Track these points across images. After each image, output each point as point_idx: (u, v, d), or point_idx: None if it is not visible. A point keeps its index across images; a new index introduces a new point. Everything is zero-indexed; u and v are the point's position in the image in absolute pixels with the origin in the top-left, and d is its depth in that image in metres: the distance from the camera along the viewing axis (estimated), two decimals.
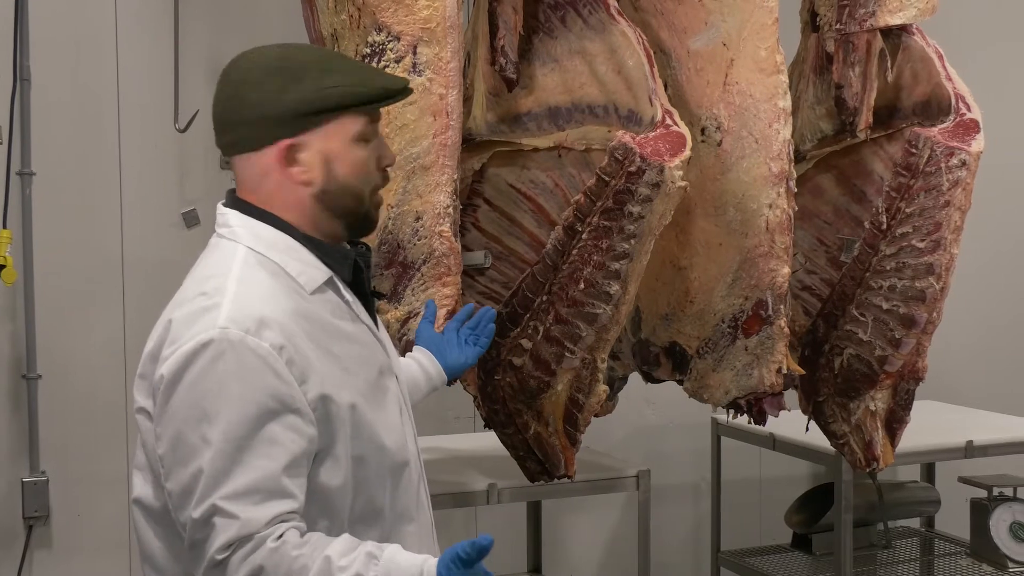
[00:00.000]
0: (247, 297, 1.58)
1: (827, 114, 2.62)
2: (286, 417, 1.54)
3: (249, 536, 1.50)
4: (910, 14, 2.48)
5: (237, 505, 1.50)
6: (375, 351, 1.72)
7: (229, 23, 3.22)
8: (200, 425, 1.53)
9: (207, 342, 1.54)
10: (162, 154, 3.20)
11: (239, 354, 1.53)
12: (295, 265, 1.64)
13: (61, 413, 3.13)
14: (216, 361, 1.53)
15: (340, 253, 1.70)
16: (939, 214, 2.44)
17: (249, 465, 1.51)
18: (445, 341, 2.16)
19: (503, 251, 2.44)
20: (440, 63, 2.18)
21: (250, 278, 1.61)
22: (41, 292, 3.10)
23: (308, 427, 1.57)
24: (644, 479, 2.86)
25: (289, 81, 1.63)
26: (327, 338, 1.63)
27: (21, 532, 3.11)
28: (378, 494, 1.66)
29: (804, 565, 3.45)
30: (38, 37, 3.07)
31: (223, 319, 1.55)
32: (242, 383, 1.53)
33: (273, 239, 1.65)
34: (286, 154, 1.64)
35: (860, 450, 2.69)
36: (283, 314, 1.58)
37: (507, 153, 2.45)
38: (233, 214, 1.68)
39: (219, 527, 1.50)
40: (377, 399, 1.68)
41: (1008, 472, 3.51)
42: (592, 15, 2.35)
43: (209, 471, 1.52)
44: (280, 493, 1.53)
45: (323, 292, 1.66)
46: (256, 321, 1.56)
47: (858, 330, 2.58)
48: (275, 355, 1.55)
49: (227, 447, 1.51)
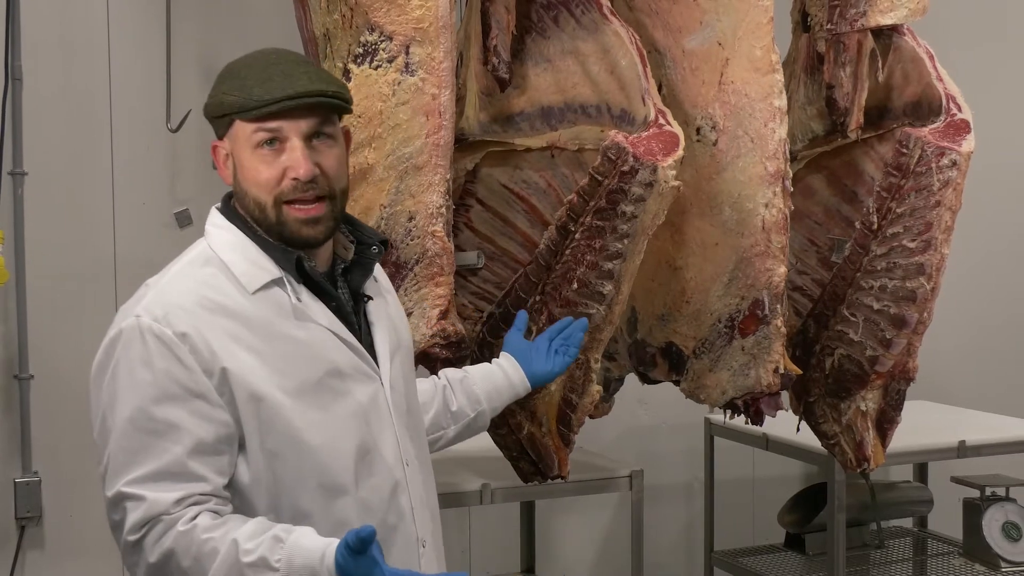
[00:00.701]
0: (170, 289, 1.66)
1: (818, 114, 2.63)
2: (191, 402, 1.59)
3: (157, 517, 1.55)
4: (901, 14, 2.49)
5: (142, 487, 1.56)
6: (328, 352, 1.70)
7: (221, 23, 3.22)
8: (113, 410, 1.60)
9: (121, 331, 1.63)
10: (154, 154, 3.20)
11: (144, 340, 1.60)
12: (241, 265, 1.69)
13: (53, 413, 3.12)
14: (127, 348, 1.61)
15: (284, 255, 1.71)
16: (930, 214, 2.44)
17: (154, 448, 1.57)
18: (535, 350, 2.20)
19: (496, 251, 2.44)
20: (433, 63, 2.18)
21: (186, 272, 1.69)
22: (33, 292, 3.09)
23: (217, 412, 1.61)
24: (637, 479, 2.86)
25: (215, 86, 1.73)
26: (252, 335, 1.65)
27: (13, 533, 3.10)
28: (304, 497, 1.65)
29: (797, 565, 3.46)
30: (30, 37, 3.07)
31: (140, 308, 1.63)
32: (147, 368, 1.59)
33: (229, 239, 1.71)
34: (215, 153, 1.74)
35: (851, 450, 2.69)
36: (198, 305, 1.63)
37: (500, 153, 2.45)
38: (214, 213, 1.76)
39: (128, 509, 1.57)
40: (316, 399, 1.67)
41: (1000, 472, 3.52)
42: (585, 15, 2.35)
43: (116, 454, 1.58)
44: (187, 476, 1.57)
45: (267, 291, 1.69)
46: (165, 308, 1.62)
47: (849, 330, 2.58)
48: (177, 342, 1.60)
49: (131, 431, 1.58)
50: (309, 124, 1.68)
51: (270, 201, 1.68)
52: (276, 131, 1.67)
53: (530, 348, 2.20)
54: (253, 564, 1.53)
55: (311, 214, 1.68)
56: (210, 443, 1.59)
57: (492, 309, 2.40)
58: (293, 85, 1.66)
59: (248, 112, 1.66)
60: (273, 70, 1.69)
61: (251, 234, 1.71)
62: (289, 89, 1.66)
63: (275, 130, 1.66)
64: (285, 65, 1.70)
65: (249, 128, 1.67)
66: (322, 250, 1.76)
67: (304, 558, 1.53)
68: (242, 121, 1.67)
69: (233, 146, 1.70)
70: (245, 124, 1.67)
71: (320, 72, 1.74)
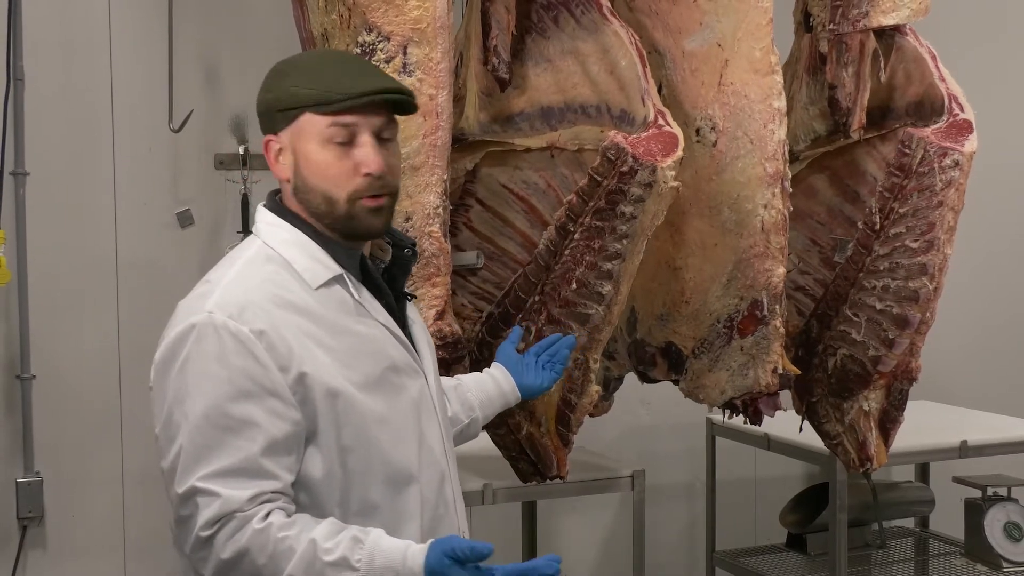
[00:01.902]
0: (239, 285, 1.65)
1: (820, 114, 2.62)
2: (265, 400, 1.59)
3: (231, 514, 1.55)
4: (903, 15, 2.48)
5: (217, 483, 1.55)
6: (387, 348, 1.73)
7: (222, 23, 3.23)
8: (183, 404, 1.59)
9: (192, 325, 1.61)
10: (156, 154, 3.20)
11: (220, 337, 1.59)
12: (303, 261, 1.69)
13: (55, 413, 3.13)
14: (200, 343, 1.60)
15: (345, 252, 1.73)
16: (932, 214, 2.44)
17: (228, 445, 1.57)
18: (525, 364, 2.23)
19: (495, 251, 2.44)
20: (430, 63, 2.18)
21: (251, 269, 1.68)
22: (35, 292, 3.09)
23: (290, 411, 1.61)
24: (639, 479, 2.86)
25: (276, 80, 1.72)
26: (323, 332, 1.66)
27: (15, 532, 3.10)
28: (372, 490, 1.67)
29: (799, 565, 3.45)
30: (31, 37, 3.07)
31: (211, 304, 1.62)
32: (222, 364, 1.59)
33: (287, 237, 1.71)
34: (268, 149, 1.73)
35: (854, 450, 2.69)
36: (270, 301, 1.63)
37: (500, 153, 2.45)
38: (262, 211, 1.76)
39: (201, 505, 1.56)
40: (381, 394, 1.69)
41: (1002, 472, 3.51)
42: (585, 15, 2.35)
43: (189, 449, 1.57)
44: (260, 473, 1.57)
45: (329, 287, 1.70)
46: (239, 306, 1.61)
47: (851, 330, 2.58)
48: (254, 339, 1.60)
49: (206, 426, 1.57)
50: (380, 121, 1.70)
51: (343, 196, 1.68)
52: (352, 125, 1.67)
53: (521, 361, 2.23)
54: (334, 563, 1.54)
55: (379, 203, 1.71)
56: (282, 441, 1.59)
57: (491, 309, 2.40)
58: (372, 82, 1.69)
59: (329, 105, 1.66)
60: (348, 66, 1.72)
61: (308, 231, 1.71)
62: (369, 85, 1.68)
63: (351, 124, 1.67)
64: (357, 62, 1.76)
65: (323, 122, 1.67)
66: (364, 249, 1.79)
67: (385, 558, 1.55)
68: (314, 115, 1.67)
69: (296, 140, 1.69)
70: (317, 118, 1.67)
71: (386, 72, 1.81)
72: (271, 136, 1.72)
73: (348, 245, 1.73)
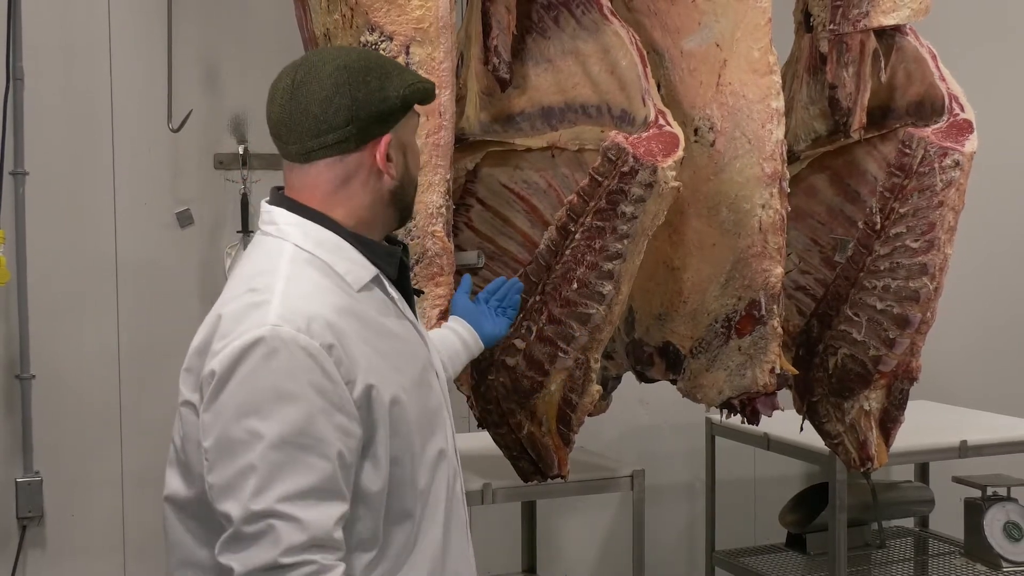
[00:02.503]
0: (296, 294, 1.58)
1: (821, 114, 2.62)
2: (335, 416, 1.54)
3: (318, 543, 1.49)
4: (903, 15, 2.49)
5: (297, 507, 1.49)
6: (419, 347, 1.73)
7: (222, 23, 3.23)
8: (251, 421, 1.51)
9: (259, 339, 1.53)
10: (156, 154, 3.20)
11: (291, 352, 1.53)
12: (343, 264, 1.65)
13: (55, 413, 3.13)
14: (268, 358, 1.53)
15: (386, 252, 1.71)
16: (933, 214, 2.44)
17: (306, 465, 1.51)
18: (479, 312, 2.22)
19: (496, 251, 2.44)
20: (433, 63, 2.18)
21: (299, 275, 1.61)
22: (34, 292, 3.09)
23: (354, 425, 1.57)
24: (639, 479, 2.86)
25: (383, 79, 1.66)
26: (374, 336, 1.63)
27: (15, 532, 3.10)
28: (409, 496, 1.65)
29: (798, 565, 3.45)
30: (31, 37, 3.07)
31: (274, 316, 1.55)
32: (294, 381, 1.52)
33: (321, 237, 1.65)
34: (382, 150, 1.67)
35: (854, 450, 2.69)
36: (332, 312, 1.59)
37: (500, 153, 2.45)
38: (279, 211, 1.68)
39: (281, 529, 1.49)
40: (422, 395, 1.68)
41: (1002, 472, 3.52)
42: (585, 15, 2.35)
43: (263, 469, 1.50)
44: (336, 494, 1.53)
45: (370, 290, 1.67)
46: (307, 319, 1.55)
47: (852, 330, 2.58)
48: (325, 354, 1.54)
49: (281, 445, 1.50)
50: None
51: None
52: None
53: (476, 310, 2.22)
54: None
55: None
56: (348, 458, 1.55)
57: None
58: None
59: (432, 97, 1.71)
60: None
61: (341, 232, 1.67)
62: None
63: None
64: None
65: (416, 116, 1.73)
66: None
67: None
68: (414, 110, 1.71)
69: (405, 136, 1.71)
70: (415, 113, 1.72)
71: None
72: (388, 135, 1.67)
73: (382, 244, 1.72)
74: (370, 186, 1.68)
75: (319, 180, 1.67)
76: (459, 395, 2.51)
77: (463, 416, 3.35)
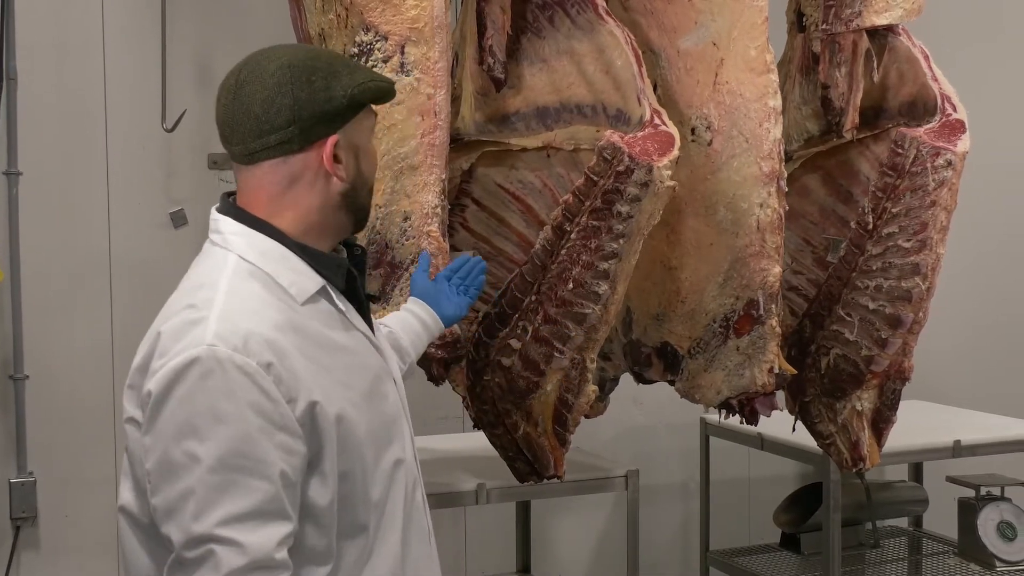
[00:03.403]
0: (235, 311, 1.54)
1: (813, 114, 2.63)
2: (277, 436, 1.51)
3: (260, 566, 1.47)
4: (896, 15, 2.49)
5: (237, 530, 1.47)
6: (370, 357, 1.69)
7: (216, 23, 3.22)
8: (188, 443, 1.49)
9: (195, 358, 1.50)
10: (149, 154, 3.19)
11: (227, 372, 1.49)
12: (287, 275, 1.60)
13: (48, 414, 3.12)
14: (204, 379, 1.49)
15: (333, 261, 1.66)
16: (925, 214, 2.45)
17: (245, 487, 1.48)
18: (438, 291, 2.17)
19: (492, 251, 2.44)
20: (428, 63, 2.18)
21: (239, 290, 1.57)
22: (28, 292, 3.09)
23: (298, 444, 1.53)
24: (633, 479, 2.86)
25: (329, 78, 1.62)
26: (319, 350, 1.59)
27: (8, 533, 3.09)
28: (362, 510, 1.62)
29: (792, 564, 3.46)
30: (24, 37, 3.06)
31: (210, 335, 1.51)
32: (231, 402, 1.49)
33: (266, 248, 1.61)
34: (328, 151, 1.62)
35: (847, 450, 2.70)
36: (272, 329, 1.55)
37: (496, 153, 2.45)
38: (225, 220, 1.65)
39: (221, 555, 1.47)
40: (374, 407, 1.65)
41: (995, 471, 3.52)
42: (580, 15, 2.35)
43: (202, 493, 1.48)
44: (280, 514, 1.50)
45: (315, 302, 1.63)
46: (243, 337, 1.52)
47: (844, 330, 2.58)
48: (263, 373, 1.51)
49: (219, 467, 1.48)
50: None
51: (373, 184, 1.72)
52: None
53: (436, 290, 2.17)
54: None
55: None
56: (291, 477, 1.52)
57: (488, 309, 2.40)
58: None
59: (387, 96, 1.67)
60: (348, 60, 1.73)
61: (286, 241, 1.63)
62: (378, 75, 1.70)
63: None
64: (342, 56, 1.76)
65: (372, 117, 1.68)
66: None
67: None
68: (368, 111, 1.66)
69: (358, 137, 1.65)
70: (369, 114, 1.67)
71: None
72: (335, 137, 1.62)
73: (337, 255, 1.68)
74: (317, 189, 1.63)
75: (264, 182, 1.63)
76: (454, 395, 2.51)
77: (457, 416, 3.37)
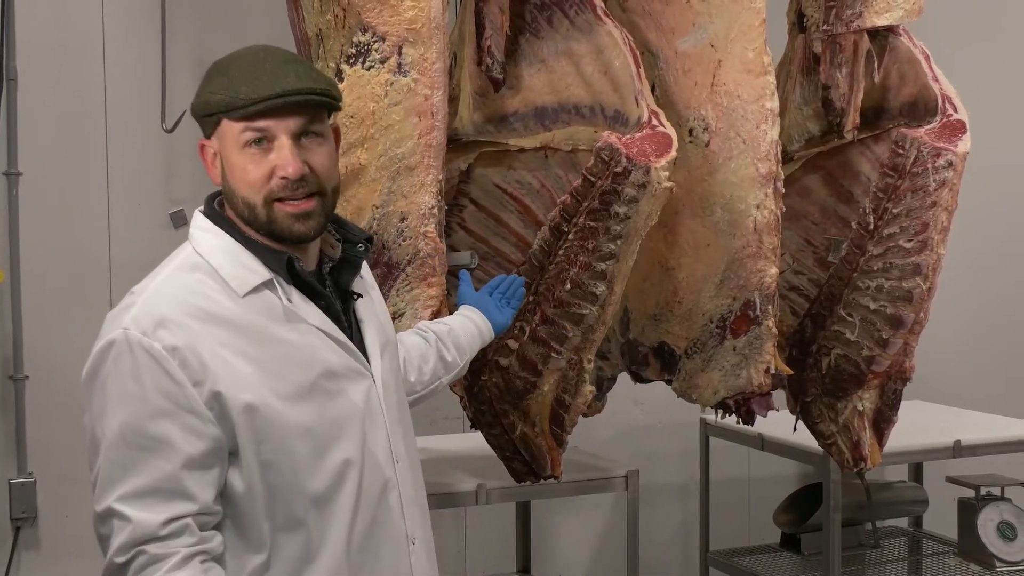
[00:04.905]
0: (158, 298, 1.62)
1: (814, 115, 2.63)
2: (181, 417, 1.56)
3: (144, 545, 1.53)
4: (897, 15, 2.49)
5: (131, 506, 1.54)
6: (321, 353, 1.69)
7: (216, 23, 3.22)
8: (102, 422, 1.58)
9: (112, 341, 1.59)
10: (149, 154, 3.20)
11: (134, 354, 1.57)
12: (230, 268, 1.66)
13: (48, 414, 3.12)
14: (116, 361, 1.58)
15: (274, 256, 1.68)
16: (926, 214, 2.44)
17: (143, 464, 1.55)
18: (487, 302, 2.26)
19: (489, 251, 2.44)
20: (425, 64, 2.18)
21: (173, 280, 1.64)
22: (28, 293, 3.09)
23: (208, 427, 1.58)
24: (633, 479, 2.86)
25: (202, 85, 1.69)
26: (245, 342, 1.62)
27: (8, 533, 3.10)
28: (298, 503, 1.63)
29: (792, 565, 3.46)
30: (24, 37, 3.07)
31: (128, 319, 1.60)
32: (137, 383, 1.56)
33: (216, 243, 1.68)
34: (203, 153, 1.71)
35: (848, 450, 2.69)
36: (188, 316, 1.60)
37: (494, 153, 2.45)
38: (197, 216, 1.73)
39: (116, 528, 1.54)
40: (314, 402, 1.65)
41: (996, 472, 3.52)
42: (579, 16, 2.35)
43: (105, 469, 1.56)
44: (176, 494, 1.55)
45: (258, 294, 1.66)
46: (155, 321, 1.59)
47: (845, 330, 2.58)
48: (167, 356, 1.57)
49: (121, 445, 1.56)
50: (297, 122, 1.65)
51: (260, 200, 1.66)
52: (264, 130, 1.64)
53: (485, 300, 2.26)
54: None
55: (302, 208, 1.66)
56: (199, 459, 1.57)
57: None
58: (281, 83, 1.63)
59: (235, 111, 1.63)
60: (261, 68, 1.66)
61: (238, 236, 1.68)
62: (277, 87, 1.63)
63: (263, 129, 1.64)
64: (273, 63, 1.67)
65: (237, 127, 1.64)
66: (310, 249, 1.74)
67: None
68: (229, 120, 1.65)
69: (221, 145, 1.67)
70: (233, 123, 1.64)
71: (308, 69, 1.71)
72: (204, 141, 1.69)
73: (281, 248, 1.69)
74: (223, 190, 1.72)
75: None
76: (453, 395, 2.51)
77: (457, 416, 3.37)
